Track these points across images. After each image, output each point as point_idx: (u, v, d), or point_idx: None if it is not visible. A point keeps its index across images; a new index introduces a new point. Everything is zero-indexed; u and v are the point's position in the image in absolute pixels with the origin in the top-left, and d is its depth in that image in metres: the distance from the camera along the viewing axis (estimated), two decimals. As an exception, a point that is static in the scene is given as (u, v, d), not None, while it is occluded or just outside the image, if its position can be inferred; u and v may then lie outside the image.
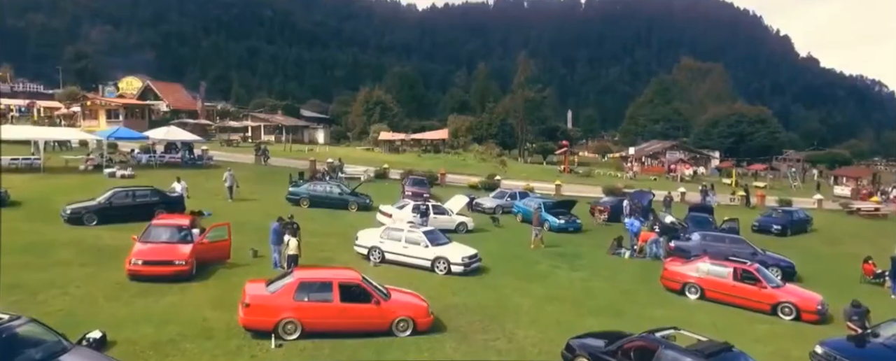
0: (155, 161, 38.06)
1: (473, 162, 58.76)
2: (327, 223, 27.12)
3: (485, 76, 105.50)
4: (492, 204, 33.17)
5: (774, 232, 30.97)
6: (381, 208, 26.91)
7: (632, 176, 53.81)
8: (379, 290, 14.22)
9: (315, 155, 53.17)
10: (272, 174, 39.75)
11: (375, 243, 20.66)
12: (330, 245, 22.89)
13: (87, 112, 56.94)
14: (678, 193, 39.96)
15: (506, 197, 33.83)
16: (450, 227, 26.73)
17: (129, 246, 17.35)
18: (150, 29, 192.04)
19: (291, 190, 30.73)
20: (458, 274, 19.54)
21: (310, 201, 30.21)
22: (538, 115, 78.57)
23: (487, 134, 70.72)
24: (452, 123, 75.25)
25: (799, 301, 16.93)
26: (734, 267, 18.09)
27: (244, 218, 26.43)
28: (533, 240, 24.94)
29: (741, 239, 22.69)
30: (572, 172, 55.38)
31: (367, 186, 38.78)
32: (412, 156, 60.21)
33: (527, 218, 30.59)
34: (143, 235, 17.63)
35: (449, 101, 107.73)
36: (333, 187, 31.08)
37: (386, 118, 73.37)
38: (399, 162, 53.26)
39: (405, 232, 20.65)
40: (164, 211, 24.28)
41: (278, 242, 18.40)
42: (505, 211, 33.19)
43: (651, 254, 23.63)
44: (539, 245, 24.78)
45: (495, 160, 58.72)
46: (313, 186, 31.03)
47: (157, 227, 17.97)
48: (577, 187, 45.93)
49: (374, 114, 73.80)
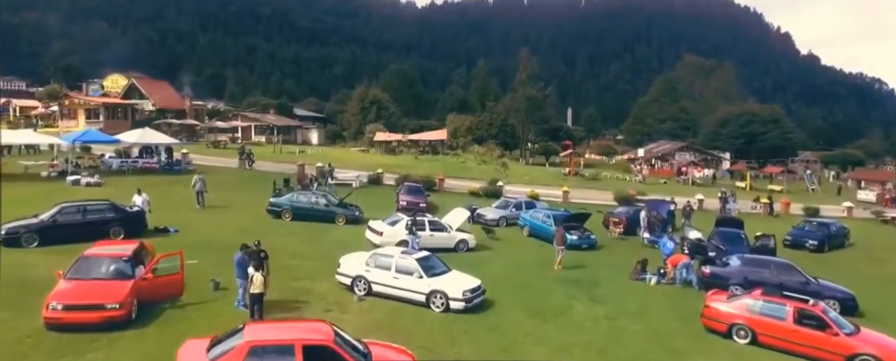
0: (127, 166, 34.60)
1: (473, 164, 55.35)
2: (310, 240, 23.75)
3: (484, 74, 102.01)
4: (495, 216, 29.81)
5: (810, 248, 27.58)
6: (371, 225, 23.51)
7: (641, 179, 50.42)
8: (355, 351, 10.83)
9: (306, 158, 49.74)
10: (256, 180, 36.35)
11: (360, 272, 17.29)
12: (310, 270, 19.50)
13: (66, 112, 53.43)
14: (695, 200, 36.56)
15: (510, 208, 30.46)
16: (449, 245, 23.43)
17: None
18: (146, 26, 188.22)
19: (272, 201, 27.32)
20: (458, 310, 16.20)
21: (292, 213, 26.85)
22: (540, 115, 75.10)
23: (488, 134, 67.26)
24: (452, 123, 71.78)
25: (882, 354, 13.55)
26: (794, 307, 14.69)
27: (214, 235, 23.10)
28: (557, 261, 21.70)
29: (789, 265, 19.24)
30: (577, 175, 52.02)
31: (358, 193, 35.48)
32: (409, 157, 56.80)
33: (534, 231, 27.29)
34: (70, 270, 14.22)
35: (448, 100, 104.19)
36: (319, 198, 27.67)
37: (382, 118, 69.88)
38: (395, 164, 49.86)
39: (396, 258, 17.27)
40: (120, 229, 21.09)
41: (244, 276, 15.00)
42: (509, 223, 29.86)
43: (681, 280, 20.25)
44: (555, 266, 21.61)
45: (497, 162, 55.30)
46: (297, 196, 27.61)
47: (88, 259, 14.55)
48: (585, 192, 42.56)
49: (369, 113, 70.29)
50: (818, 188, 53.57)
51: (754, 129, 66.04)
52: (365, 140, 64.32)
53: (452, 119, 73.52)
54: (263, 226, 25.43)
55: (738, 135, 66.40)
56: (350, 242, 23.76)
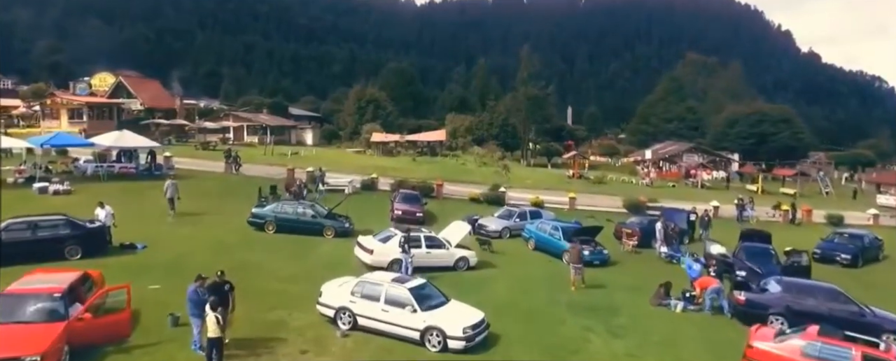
0: (103, 172, 32.02)
1: (473, 166, 52.88)
2: (293, 258, 21.25)
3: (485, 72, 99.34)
4: (497, 227, 27.29)
5: (841, 262, 25.04)
6: (361, 241, 20.97)
7: (648, 182, 47.87)
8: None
9: (297, 160, 47.20)
10: (242, 186, 33.79)
11: (345, 303, 14.79)
12: (289, 297, 16.98)
13: (48, 111, 50.81)
14: (710, 207, 34.03)
15: (514, 218, 27.91)
16: (447, 263, 20.95)
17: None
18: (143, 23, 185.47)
19: (255, 212, 24.78)
20: (457, 350, 13.72)
21: (276, 225, 24.37)
22: (542, 114, 72.53)
23: (488, 134, 64.74)
24: (451, 123, 69.28)
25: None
26: (862, 352, 12.19)
27: (187, 252, 20.61)
28: (573, 280, 19.39)
29: (837, 291, 16.67)
30: (582, 178, 49.48)
31: (351, 200, 32.96)
32: (407, 159, 54.28)
33: (541, 244, 24.79)
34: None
35: (447, 99, 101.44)
36: (306, 208, 25.12)
37: (379, 117, 67.28)
38: (391, 167, 47.35)
39: (386, 287, 14.75)
40: (77, 248, 18.60)
41: (199, 314, 12.48)
42: (513, 234, 27.35)
43: (710, 307, 17.74)
44: (580, 285, 19.42)
45: (498, 164, 52.90)
46: (281, 207, 25.09)
47: (10, 298, 12.03)
48: (592, 198, 40.03)
49: (366, 113, 67.68)
50: (832, 191, 51.02)
51: (764, 130, 63.23)
52: (361, 140, 61.82)
53: (452, 118, 71.04)
54: (243, 241, 22.96)
55: (747, 135, 63.61)
56: (338, 260, 21.29)
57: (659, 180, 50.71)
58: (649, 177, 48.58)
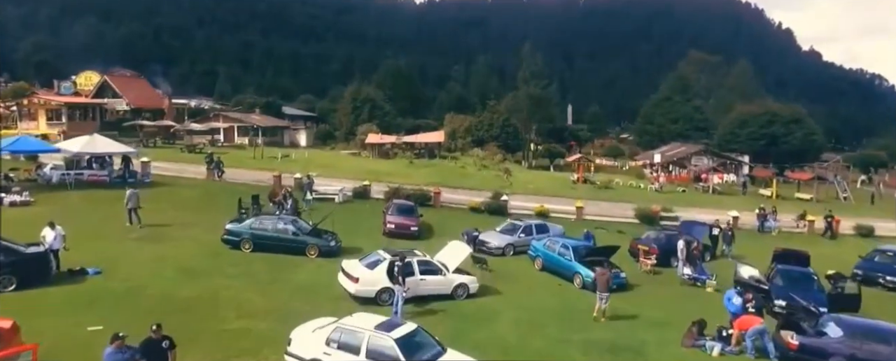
0: (70, 180, 29.20)
1: (473, 169, 50.11)
2: (267, 284, 18.47)
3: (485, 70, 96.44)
4: (499, 243, 24.53)
5: (886, 285, 22.25)
6: (345, 266, 18.17)
7: (658, 187, 45.05)
8: None
9: (287, 165, 44.41)
10: (223, 194, 30.97)
11: (318, 355, 12.05)
12: (254, 338, 14.25)
13: (26, 112, 47.96)
14: (730, 218, 31.27)
15: (518, 233, 25.11)
16: (444, 291, 18.20)
17: None
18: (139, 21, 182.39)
19: (229, 229, 21.97)
20: (454, 419, 10.96)
21: (253, 243, 21.61)
22: (544, 114, 69.63)
23: (488, 135, 61.89)
24: (450, 123, 66.43)
25: None
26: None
27: (147, 278, 18.00)
28: (596, 309, 17.02)
29: (909, 335, 13.89)
30: (587, 182, 46.69)
31: (342, 209, 30.24)
32: (403, 162, 51.52)
33: (549, 264, 22.06)
34: None
35: (446, 98, 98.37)
36: (287, 223, 22.34)
37: (376, 117, 64.39)
38: (386, 171, 44.56)
39: (368, 336, 11.99)
40: (12, 278, 15.82)
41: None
42: (517, 251, 24.61)
43: (752, 349, 14.96)
44: (601, 318, 16.88)
45: (498, 167, 50.14)
46: (260, 222, 22.28)
47: None
48: (599, 205, 37.23)
49: (362, 112, 64.76)
50: (851, 197, 48.19)
51: (775, 131, 60.19)
52: (356, 142, 59.01)
53: (451, 118, 68.17)
54: (213, 263, 20.17)
55: (758, 136, 60.47)
56: (320, 286, 18.56)
57: (668, 185, 47.83)
58: (658, 181, 45.72)
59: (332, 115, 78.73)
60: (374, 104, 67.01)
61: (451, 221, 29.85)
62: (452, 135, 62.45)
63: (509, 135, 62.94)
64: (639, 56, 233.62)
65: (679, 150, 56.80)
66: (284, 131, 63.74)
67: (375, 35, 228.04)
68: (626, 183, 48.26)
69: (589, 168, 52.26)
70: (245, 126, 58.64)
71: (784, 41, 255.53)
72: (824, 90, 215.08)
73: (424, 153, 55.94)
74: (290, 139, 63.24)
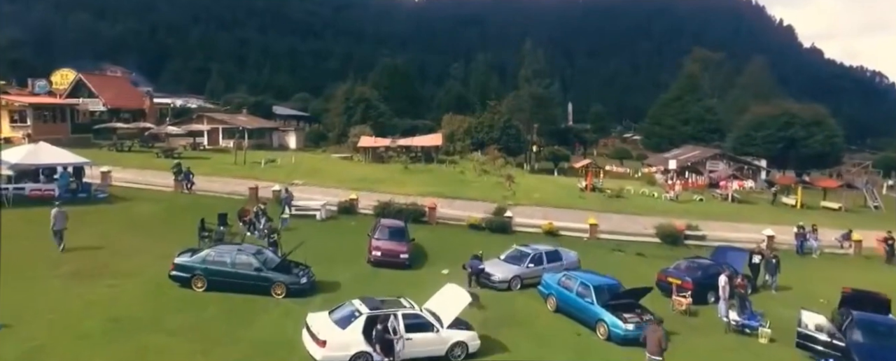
0: (8, 195, 25.13)
1: (473, 175, 46.10)
2: (216, 343, 14.45)
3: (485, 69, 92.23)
4: (504, 275, 20.53)
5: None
6: (310, 323, 14.15)
7: (673, 196, 41.01)
8: None
9: (273, 170, 40.41)
10: (188, 210, 26.83)
11: None
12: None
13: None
14: (764, 237, 27.30)
15: (526, 263, 21.08)
16: (438, 353, 14.24)
17: None
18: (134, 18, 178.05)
19: (178, 263, 17.96)
20: None
21: (207, 281, 17.65)
22: (547, 114, 65.56)
23: (489, 137, 57.84)
24: (448, 124, 62.36)
25: None
26: None
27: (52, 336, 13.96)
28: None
29: None
30: (596, 190, 42.70)
31: (322, 230, 26.36)
32: (398, 167, 47.48)
33: (564, 305, 18.09)
34: None
35: (445, 98, 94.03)
36: (249, 255, 18.30)
37: (370, 118, 60.29)
38: (379, 178, 40.57)
39: None
40: None
41: None
42: (525, 284, 20.65)
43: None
44: None
45: (500, 172, 46.15)
46: (217, 254, 18.24)
47: None
48: (610, 219, 33.21)
49: (355, 113, 60.66)
50: (882, 206, 44.10)
51: (795, 133, 55.82)
52: (348, 145, 55.01)
53: (449, 119, 64.07)
54: (152, 310, 16.13)
55: (775, 139, 56.06)
56: (283, 344, 14.58)
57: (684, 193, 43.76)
58: (674, 190, 41.65)
59: (325, 115, 74.65)
60: (368, 104, 62.89)
61: (449, 242, 25.91)
62: (451, 137, 58.43)
63: (511, 137, 58.89)
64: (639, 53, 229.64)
65: (693, 154, 52.62)
66: (273, 133, 59.57)
67: (374, 32, 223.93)
68: (637, 191, 44.24)
69: (598, 174, 48.23)
70: (231, 128, 54.50)
71: (785, 38, 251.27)
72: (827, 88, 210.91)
73: (421, 157, 51.90)
74: (280, 141, 59.13)
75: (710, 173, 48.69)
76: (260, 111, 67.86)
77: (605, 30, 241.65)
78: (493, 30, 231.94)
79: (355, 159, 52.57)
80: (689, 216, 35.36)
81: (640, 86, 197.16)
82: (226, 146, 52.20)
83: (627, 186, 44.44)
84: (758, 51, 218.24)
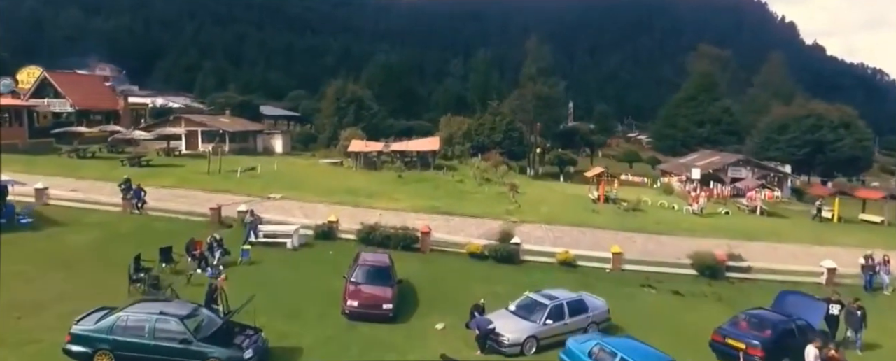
0: None
1: (473, 184, 41.26)
2: None
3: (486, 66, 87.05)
4: (517, 335, 15.66)
5: None
6: None
7: (697, 210, 36.12)
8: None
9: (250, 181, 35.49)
10: (131, 239, 21.99)
11: None
12: None
13: (-65, 118, 38.89)
14: (823, 270, 22.48)
15: (543, 318, 16.19)
16: None
17: None
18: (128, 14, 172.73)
19: (76, 333, 13.12)
20: None
21: (114, 357, 12.80)
22: (552, 115, 60.57)
23: (490, 140, 52.94)
24: (447, 126, 57.44)
25: None
26: None
27: None
28: None
29: None
30: (609, 201, 37.87)
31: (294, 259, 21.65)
32: (391, 175, 42.68)
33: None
34: None
35: (443, 97, 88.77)
36: (178, 320, 13.39)
37: (363, 120, 55.30)
38: (368, 191, 35.71)
39: None
40: None
41: None
42: (541, 345, 15.84)
43: None
44: None
45: (502, 181, 41.40)
46: (130, 320, 13.36)
47: None
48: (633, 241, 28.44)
49: (347, 114, 55.66)
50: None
51: (823, 136, 50.58)
52: (338, 149, 50.12)
53: (448, 121, 59.11)
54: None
55: (801, 142, 50.82)
56: None
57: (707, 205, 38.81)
58: (698, 202, 36.74)
59: (317, 115, 69.61)
60: (360, 104, 57.86)
61: (445, 278, 21.07)
62: (449, 140, 53.50)
63: (513, 140, 53.95)
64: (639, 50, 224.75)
65: (713, 160, 47.58)
66: (257, 136, 54.52)
67: (372, 28, 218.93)
68: (655, 202, 39.40)
69: (612, 184, 43.32)
70: (211, 131, 49.49)
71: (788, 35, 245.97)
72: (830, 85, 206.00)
73: (417, 163, 47.03)
74: (264, 145, 54.13)
75: (735, 181, 43.69)
76: (247, 111, 62.73)
77: (605, 26, 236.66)
78: (493, 26, 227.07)
79: (345, 165, 47.76)
80: (718, 234, 30.73)
81: (640, 83, 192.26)
82: (204, 151, 47.11)
83: (644, 197, 39.56)
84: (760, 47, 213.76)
